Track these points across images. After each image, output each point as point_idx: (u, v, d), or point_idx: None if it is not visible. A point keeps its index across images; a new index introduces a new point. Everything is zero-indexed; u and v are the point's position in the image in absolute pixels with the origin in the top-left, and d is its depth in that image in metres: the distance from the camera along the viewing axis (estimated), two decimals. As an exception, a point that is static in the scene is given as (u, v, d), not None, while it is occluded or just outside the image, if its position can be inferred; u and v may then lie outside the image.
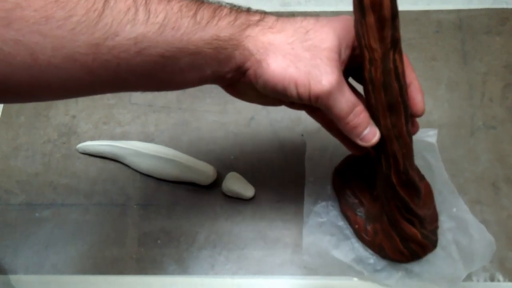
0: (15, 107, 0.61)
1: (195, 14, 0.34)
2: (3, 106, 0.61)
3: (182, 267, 0.51)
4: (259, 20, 0.36)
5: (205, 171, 0.54)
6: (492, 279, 0.49)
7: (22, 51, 0.30)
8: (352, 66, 0.40)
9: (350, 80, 0.42)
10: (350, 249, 0.49)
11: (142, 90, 0.38)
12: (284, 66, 0.36)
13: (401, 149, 0.40)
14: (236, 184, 0.54)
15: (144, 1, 0.33)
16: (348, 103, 0.37)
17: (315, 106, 0.37)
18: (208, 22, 0.34)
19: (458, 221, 0.50)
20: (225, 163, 0.56)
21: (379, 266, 0.48)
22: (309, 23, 0.37)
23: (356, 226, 0.49)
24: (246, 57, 0.36)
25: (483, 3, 0.65)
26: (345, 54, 0.38)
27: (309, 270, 0.50)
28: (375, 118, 0.39)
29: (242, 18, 0.36)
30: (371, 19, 0.35)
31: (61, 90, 0.34)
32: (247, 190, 0.54)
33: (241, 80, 0.38)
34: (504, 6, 0.65)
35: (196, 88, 0.61)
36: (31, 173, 0.57)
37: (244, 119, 0.59)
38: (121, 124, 0.59)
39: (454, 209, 0.51)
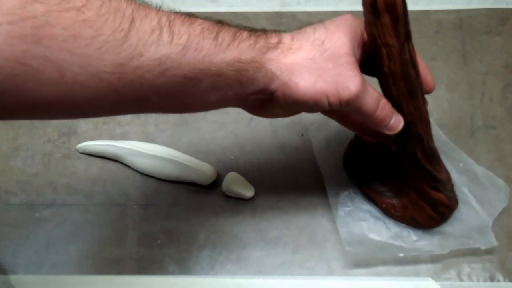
0: (15, 107, 0.61)
1: (216, 36, 0.35)
2: (3, 106, 0.61)
3: (182, 267, 0.51)
4: (278, 43, 0.37)
5: (205, 171, 0.54)
6: (492, 279, 0.49)
7: (50, 68, 0.30)
8: (362, 60, 0.41)
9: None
10: (385, 228, 0.51)
11: (164, 112, 0.39)
12: (312, 82, 0.37)
13: (423, 128, 0.44)
14: (236, 184, 0.54)
15: (168, 23, 0.33)
16: (374, 100, 0.39)
17: (345, 110, 0.39)
18: (229, 44, 0.35)
19: (468, 174, 0.53)
20: (225, 163, 0.56)
21: (415, 237, 0.50)
22: (320, 33, 0.38)
23: (384, 206, 0.51)
24: (271, 79, 0.37)
25: (483, 3, 0.65)
26: (358, 53, 0.39)
27: (355, 260, 0.51)
28: (398, 106, 0.42)
29: (262, 41, 0.37)
30: (386, 19, 0.37)
31: (86, 108, 0.34)
32: (247, 190, 0.54)
33: (269, 102, 0.39)
34: (504, 6, 0.65)
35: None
36: (31, 173, 0.57)
37: (244, 119, 0.59)
38: (121, 124, 0.59)
39: (461, 164, 0.53)
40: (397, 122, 0.41)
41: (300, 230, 0.53)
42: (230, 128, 0.59)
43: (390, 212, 0.51)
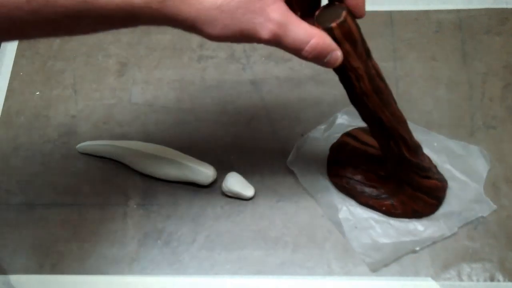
0: (15, 107, 0.61)
1: None
2: (3, 106, 0.61)
3: (182, 267, 0.51)
4: None
5: (205, 171, 0.54)
6: (492, 279, 0.49)
7: None
8: None
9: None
10: (391, 229, 0.52)
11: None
12: (221, 31, 0.36)
13: (403, 128, 0.46)
14: (236, 184, 0.54)
15: None
16: (299, 39, 0.37)
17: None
18: None
19: (445, 150, 0.55)
20: (225, 163, 0.56)
21: (422, 227, 0.51)
22: None
23: (384, 208, 0.52)
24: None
25: (483, 3, 0.65)
26: None
27: (376, 268, 0.50)
28: (376, 117, 0.44)
29: None
30: (347, 46, 0.39)
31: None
32: (247, 190, 0.54)
33: None
34: (504, 6, 0.65)
35: (196, 88, 0.61)
36: (31, 173, 0.57)
37: (244, 119, 0.59)
38: (121, 124, 0.59)
39: (435, 144, 0.55)
40: (333, 59, 0.38)
41: (300, 230, 0.53)
42: (230, 128, 0.59)
43: (391, 212, 0.52)
